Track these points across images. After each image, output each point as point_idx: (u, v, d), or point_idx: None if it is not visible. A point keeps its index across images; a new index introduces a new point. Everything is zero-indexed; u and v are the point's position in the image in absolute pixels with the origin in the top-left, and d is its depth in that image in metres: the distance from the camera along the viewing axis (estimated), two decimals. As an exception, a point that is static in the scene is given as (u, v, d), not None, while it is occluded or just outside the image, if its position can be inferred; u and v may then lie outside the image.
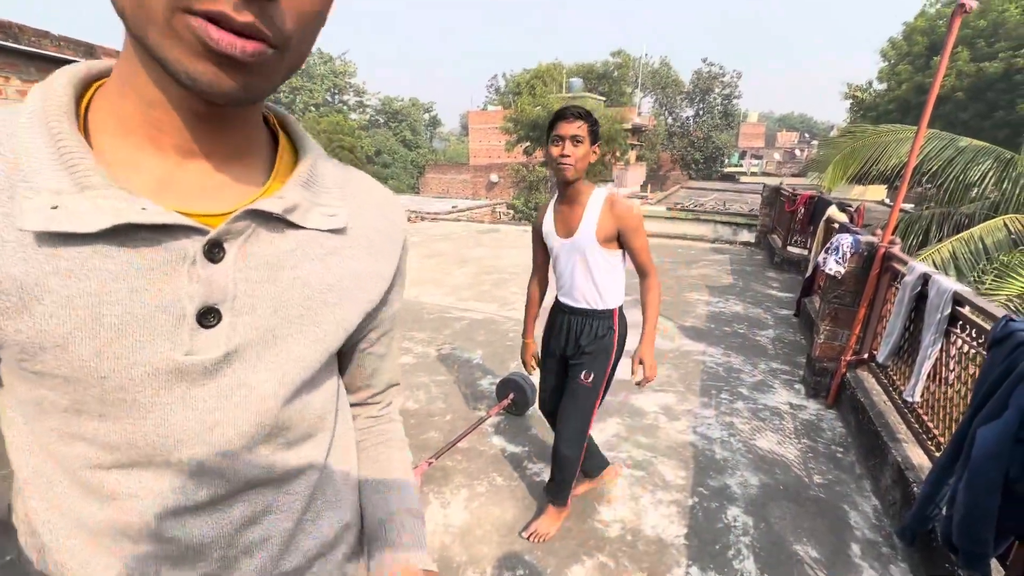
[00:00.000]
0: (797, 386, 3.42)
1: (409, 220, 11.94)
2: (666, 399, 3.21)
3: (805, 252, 6.55)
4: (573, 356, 1.87)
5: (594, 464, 2.21)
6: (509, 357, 3.87)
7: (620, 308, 1.86)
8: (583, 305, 1.81)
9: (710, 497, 2.28)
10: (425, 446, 2.67)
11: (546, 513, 2.07)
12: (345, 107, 40.37)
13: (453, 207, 18.11)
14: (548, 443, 2.70)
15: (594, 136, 1.63)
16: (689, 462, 2.54)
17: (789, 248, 7.01)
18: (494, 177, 30.29)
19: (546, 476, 2.40)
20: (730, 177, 34.51)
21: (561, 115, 1.59)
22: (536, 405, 2.60)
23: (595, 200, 1.71)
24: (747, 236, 11.16)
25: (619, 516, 2.17)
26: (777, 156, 39.79)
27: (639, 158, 33.71)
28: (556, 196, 1.79)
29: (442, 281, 6.34)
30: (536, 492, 2.29)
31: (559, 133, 1.58)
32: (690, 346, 4.13)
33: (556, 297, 1.91)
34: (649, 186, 30.15)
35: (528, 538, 2.02)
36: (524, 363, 2.11)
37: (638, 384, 1.79)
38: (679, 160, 36.63)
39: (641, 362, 1.77)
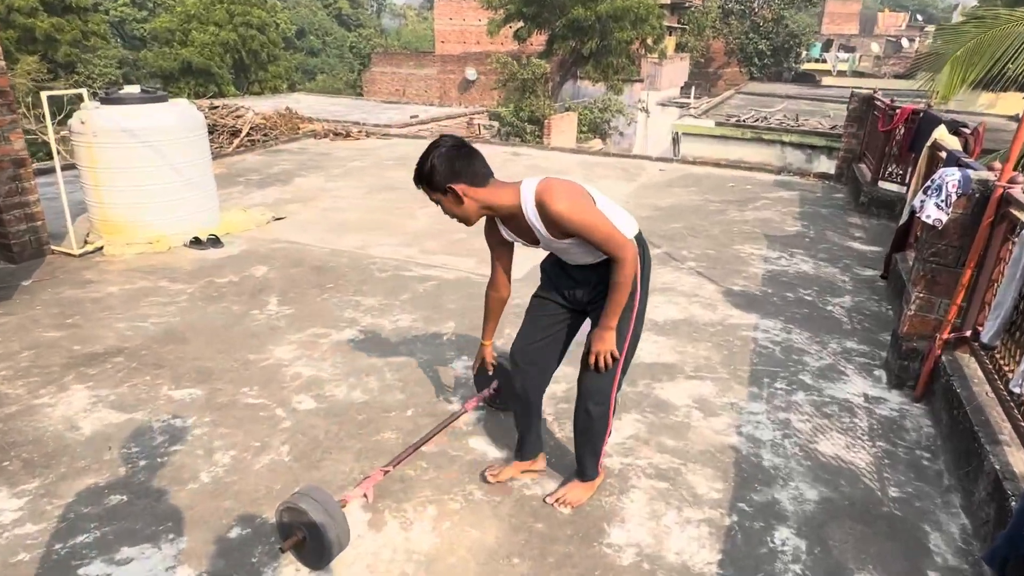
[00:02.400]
0: (877, 372, 3.63)
1: (350, 136, 11.83)
2: (702, 389, 3.40)
3: (903, 190, 6.69)
4: (592, 300, 2.30)
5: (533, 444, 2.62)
6: (492, 332, 4.01)
7: (636, 238, 2.20)
8: (587, 261, 2.23)
9: (753, 515, 2.48)
10: (379, 450, 2.83)
11: (576, 481, 2.50)
12: (251, -36, 38.83)
13: (413, 117, 17.87)
14: (542, 445, 2.86)
15: (441, 183, 2.05)
16: (728, 471, 2.74)
17: (881, 183, 7.15)
18: (471, 73, 29.74)
19: (542, 488, 2.58)
20: (808, 77, 34.29)
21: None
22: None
23: (529, 209, 2.08)
24: (826, 165, 11.30)
25: (634, 539, 2.36)
26: (876, 48, 39.41)
27: (680, 48, 33.20)
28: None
29: (398, 226, 6.40)
30: (528, 509, 2.47)
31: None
32: (738, 318, 4.30)
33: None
34: (694, 88, 29.89)
35: (554, 504, 2.45)
36: (478, 364, 2.70)
37: (595, 367, 2.24)
38: (736, 51, 36.15)
39: (590, 342, 2.22)
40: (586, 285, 2.30)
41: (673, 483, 2.66)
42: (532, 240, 2.19)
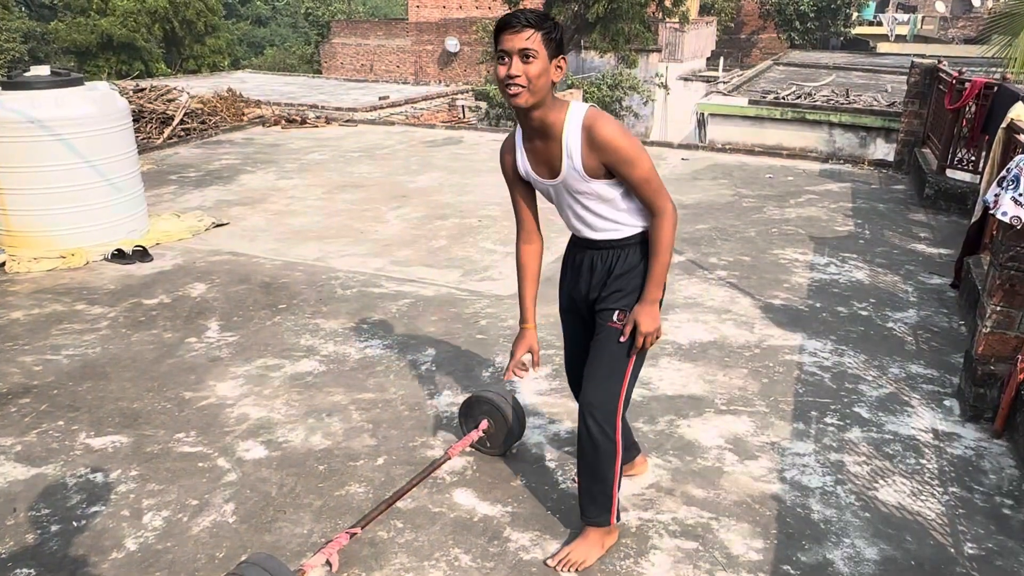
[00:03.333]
0: (948, 403, 3.64)
1: (306, 123, 11.88)
2: (736, 426, 3.41)
3: (975, 179, 6.75)
4: (599, 298, 2.39)
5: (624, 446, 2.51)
6: (481, 357, 4.02)
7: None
8: (602, 236, 2.35)
9: (800, 580, 2.48)
10: (344, 507, 2.82)
11: (583, 536, 2.51)
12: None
13: (382, 99, 17.96)
14: (543, 497, 2.87)
15: (556, 46, 2.09)
16: (769, 526, 2.74)
17: (950, 172, 7.21)
18: (452, 44, 29.93)
19: (542, 550, 2.58)
20: (860, 44, 34.62)
21: (505, 23, 2.05)
22: (518, 437, 3.15)
23: (571, 130, 2.17)
24: (883, 150, 11.39)
25: (656, 612, 2.36)
26: (941, 6, 39.81)
27: (705, 10, 33.49)
28: (518, 129, 2.30)
29: (365, 232, 6.43)
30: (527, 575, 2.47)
31: (504, 48, 2.05)
32: (779, 338, 4.33)
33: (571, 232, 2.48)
34: (722, 59, 30.13)
35: (557, 567, 2.45)
36: (512, 357, 2.58)
37: (640, 351, 2.33)
38: (774, 14, 36.48)
39: (636, 323, 2.27)
40: (591, 271, 2.40)
41: (703, 542, 2.66)
42: (551, 174, 2.28)
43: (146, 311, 4.68)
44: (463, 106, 20.27)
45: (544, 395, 3.70)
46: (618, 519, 2.50)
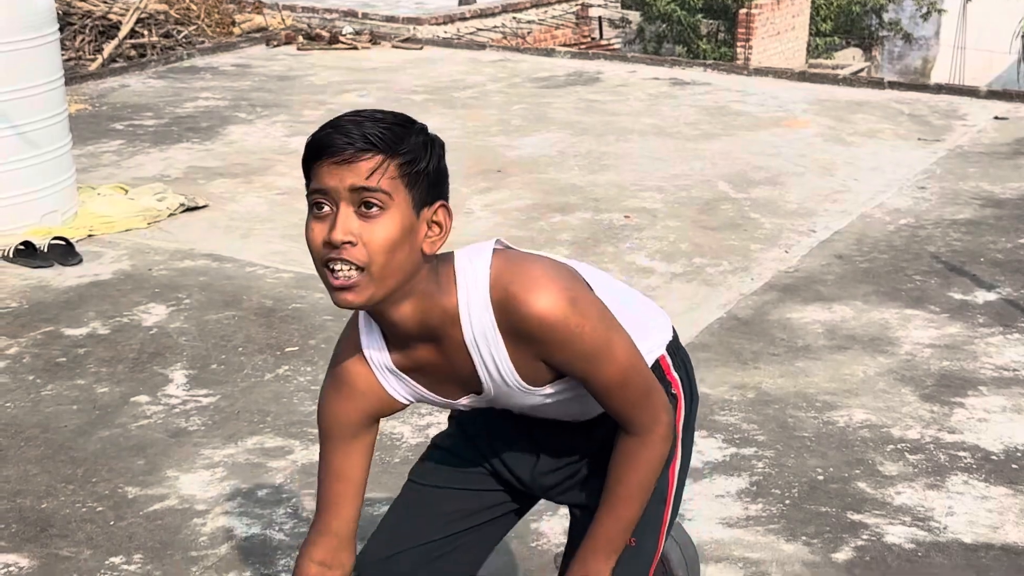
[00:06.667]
0: None
1: (339, 42, 9.81)
2: None
3: None
4: (553, 489, 1.72)
5: None
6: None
7: (669, 348, 1.60)
8: (579, 420, 1.64)
9: None
10: None
11: None
12: None
13: (463, 5, 12.76)
14: None
15: (429, 184, 1.21)
16: None
17: None
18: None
19: None
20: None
21: (324, 143, 1.15)
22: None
23: (476, 320, 1.33)
24: None
25: None
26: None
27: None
28: (370, 327, 1.46)
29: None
30: None
31: (320, 187, 1.18)
32: None
33: None
34: None
35: None
36: None
37: None
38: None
39: None
40: (554, 448, 1.66)
41: None
42: (463, 390, 1.48)
43: (67, 347, 3.76)
44: (600, 19, 16.66)
45: (734, 525, 2.62)
46: None
